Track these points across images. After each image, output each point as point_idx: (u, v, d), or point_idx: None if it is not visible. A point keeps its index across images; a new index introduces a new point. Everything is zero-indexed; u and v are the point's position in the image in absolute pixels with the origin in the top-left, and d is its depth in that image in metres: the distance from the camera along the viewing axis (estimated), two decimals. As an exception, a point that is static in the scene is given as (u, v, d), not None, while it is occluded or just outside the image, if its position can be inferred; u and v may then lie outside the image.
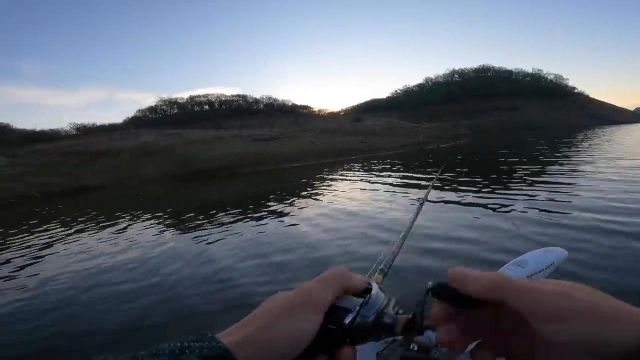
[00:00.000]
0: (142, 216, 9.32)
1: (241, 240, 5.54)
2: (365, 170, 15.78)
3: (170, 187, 19.43)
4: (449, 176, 10.51)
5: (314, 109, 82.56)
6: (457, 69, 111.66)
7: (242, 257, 4.59)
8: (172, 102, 71.46)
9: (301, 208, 7.86)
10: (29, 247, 6.82)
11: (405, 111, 72.89)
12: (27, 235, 8.13)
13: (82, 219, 9.98)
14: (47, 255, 6.07)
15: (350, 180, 12.51)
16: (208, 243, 5.60)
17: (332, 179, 13.57)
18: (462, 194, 7.24)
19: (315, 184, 12.91)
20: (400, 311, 0.35)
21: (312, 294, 0.32)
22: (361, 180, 11.98)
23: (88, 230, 8.05)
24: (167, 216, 9.25)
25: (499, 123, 58.32)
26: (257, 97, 76.38)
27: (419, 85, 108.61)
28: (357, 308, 0.32)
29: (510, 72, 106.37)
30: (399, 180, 10.79)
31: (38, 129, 45.23)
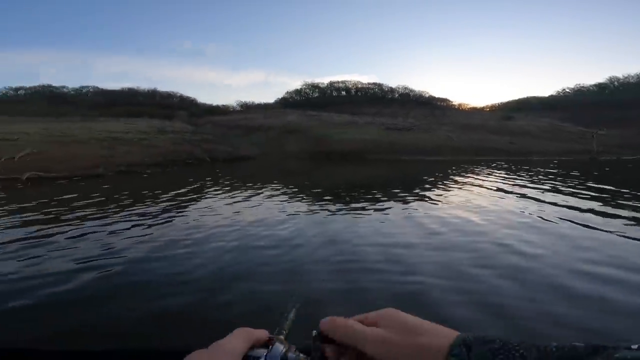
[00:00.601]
0: (279, 187, 10.49)
1: (349, 224, 5.62)
2: (507, 176, 13.58)
3: (305, 164, 21.26)
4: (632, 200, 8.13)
5: (454, 103, 76.16)
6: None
7: (336, 242, 4.58)
8: (314, 86, 76.90)
9: (413, 205, 7.34)
10: (188, 201, 8.55)
11: (572, 113, 59.64)
12: (191, 192, 10.22)
13: (234, 183, 11.95)
14: (198, 210, 7.42)
15: (483, 185, 10.86)
16: (328, 223, 5.85)
17: (462, 180, 12.19)
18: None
19: (442, 181, 11.90)
20: (302, 355, 0.41)
21: (224, 346, 0.38)
22: (497, 188, 10.09)
23: (237, 192, 9.59)
24: (299, 191, 10.16)
25: None
26: (393, 86, 74.99)
27: (599, 85, 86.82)
28: (265, 354, 0.40)
29: None
30: (550, 196, 8.42)
31: (214, 104, 55.92)
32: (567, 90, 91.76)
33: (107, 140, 20.37)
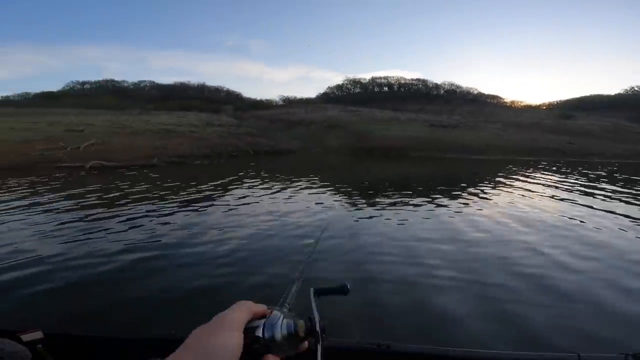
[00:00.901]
0: (317, 181, 10.59)
1: (381, 220, 5.54)
2: (558, 178, 12.50)
3: (345, 159, 21.23)
4: None
5: (505, 100, 71.57)
6: None
7: (384, 240, 4.49)
8: (355, 82, 76.07)
9: (449, 204, 7.01)
10: (230, 191, 8.89)
11: None
12: (233, 183, 10.59)
13: (275, 176, 12.23)
14: (239, 200, 7.71)
15: (529, 187, 10.06)
16: (361, 218, 5.82)
17: (508, 181, 11.36)
18: None
19: (485, 182, 11.18)
20: (301, 321, 0.45)
21: (226, 317, 0.42)
22: (544, 190, 9.30)
23: (277, 184, 9.83)
24: (337, 185, 10.18)
25: None
26: (438, 82, 71.97)
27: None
28: (263, 321, 0.44)
29: None
30: (601, 201, 7.69)
31: (258, 98, 57.47)
32: (636, 88, 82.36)
33: (161, 133, 21.81)
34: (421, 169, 16.33)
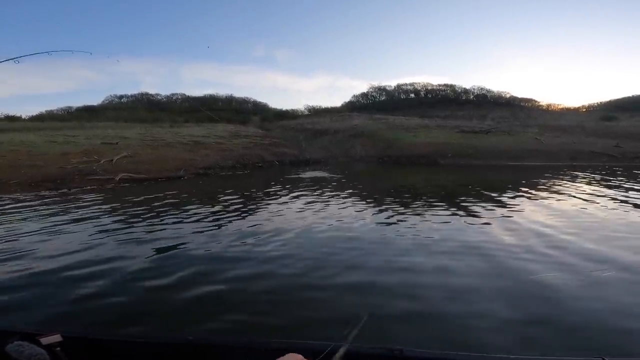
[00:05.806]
0: (342, 191, 10.23)
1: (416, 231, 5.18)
2: (611, 183, 11.38)
3: (372, 167, 20.72)
4: None
5: (541, 103, 67.90)
6: None
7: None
8: (381, 89, 75.18)
9: (475, 217, 6.41)
10: (255, 201, 8.67)
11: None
12: (259, 193, 10.41)
13: (300, 185, 11.96)
14: (267, 211, 7.47)
15: (574, 194, 9.08)
16: (393, 229, 5.51)
17: (551, 188, 10.34)
18: None
19: (524, 189, 10.22)
20: None
21: None
22: (592, 199, 8.34)
23: (302, 194, 9.52)
24: (363, 194, 9.73)
25: None
26: (467, 87, 69.57)
27: None
28: None
29: None
30: None
31: (284, 108, 58.03)
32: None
33: (190, 145, 22.30)
34: (451, 176, 15.49)
